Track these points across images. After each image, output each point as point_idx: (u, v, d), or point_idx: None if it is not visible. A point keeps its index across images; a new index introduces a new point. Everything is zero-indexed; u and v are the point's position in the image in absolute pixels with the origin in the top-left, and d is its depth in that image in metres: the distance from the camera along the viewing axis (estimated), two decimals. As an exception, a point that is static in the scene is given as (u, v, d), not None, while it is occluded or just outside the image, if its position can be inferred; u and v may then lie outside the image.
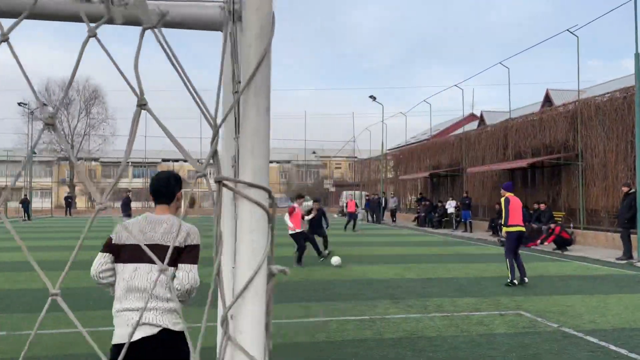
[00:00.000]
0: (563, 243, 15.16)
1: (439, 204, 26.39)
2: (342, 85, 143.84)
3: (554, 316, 6.88)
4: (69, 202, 43.59)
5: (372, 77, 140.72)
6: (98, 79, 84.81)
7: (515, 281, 9.12)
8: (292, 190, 64.73)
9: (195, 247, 2.65)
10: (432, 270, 11.01)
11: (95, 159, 68.49)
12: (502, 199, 9.52)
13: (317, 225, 13.10)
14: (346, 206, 26.48)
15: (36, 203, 48.17)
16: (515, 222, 9.29)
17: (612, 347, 5.47)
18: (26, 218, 35.97)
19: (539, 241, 16.16)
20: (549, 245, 15.75)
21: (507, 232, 9.37)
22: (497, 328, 6.26)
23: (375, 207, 32.25)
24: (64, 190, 56.20)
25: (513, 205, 9.31)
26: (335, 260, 11.50)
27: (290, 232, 11.86)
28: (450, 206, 24.43)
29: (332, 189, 58.85)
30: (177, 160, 72.06)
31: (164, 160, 71.17)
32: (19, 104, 40.06)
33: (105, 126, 53.31)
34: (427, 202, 27.99)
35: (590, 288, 9.08)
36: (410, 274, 10.50)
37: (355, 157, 52.38)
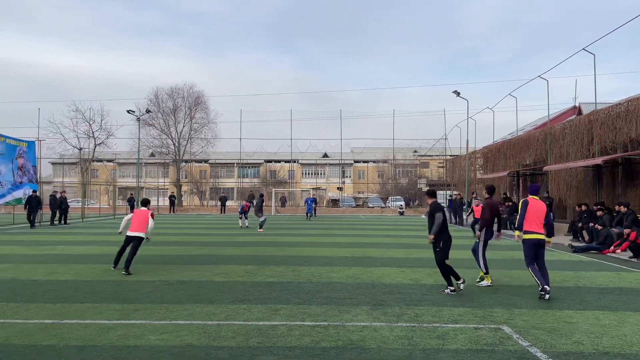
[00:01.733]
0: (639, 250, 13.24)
1: (521, 205, 24.45)
2: (460, 81, 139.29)
3: (538, 333, 6.00)
4: (173, 200, 46.92)
5: (490, 71, 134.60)
6: (201, 86, 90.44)
7: (547, 287, 8.00)
8: (386, 190, 64.00)
9: None
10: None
11: (205, 161, 73.31)
12: (521, 201, 8.56)
13: (487, 234, 9.44)
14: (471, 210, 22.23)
15: (153, 202, 52.59)
16: (532, 229, 8.24)
17: (566, 375, 4.64)
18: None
19: (612, 248, 14.29)
20: (626, 253, 13.87)
21: (523, 240, 8.31)
22: (453, 344, 5.60)
23: (457, 208, 30.87)
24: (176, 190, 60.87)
25: (532, 208, 8.28)
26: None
27: (140, 235, 10.72)
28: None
29: (426, 189, 57.17)
30: (278, 161, 74.69)
31: (266, 161, 74.20)
32: (128, 111, 43.91)
33: (207, 130, 56.54)
34: (510, 203, 26.06)
35: (626, 304, 7.81)
36: (428, 280, 9.80)
37: (456, 155, 50.29)
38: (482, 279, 9.36)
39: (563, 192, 22.04)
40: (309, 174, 78.86)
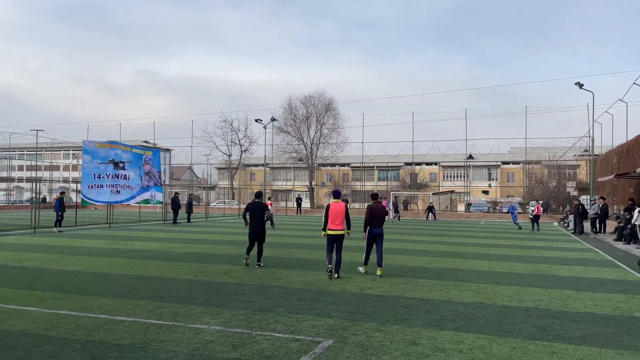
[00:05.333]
0: None
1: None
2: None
3: (345, 350, 5.44)
4: (300, 202, 49.26)
5: None
6: (331, 92, 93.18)
7: (330, 266, 10.48)
8: (532, 194, 58.53)
9: None
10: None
11: (347, 164, 75.35)
12: (325, 206, 10.73)
13: (369, 233, 11.01)
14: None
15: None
16: (331, 227, 10.58)
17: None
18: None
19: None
20: None
21: (327, 235, 10.63)
22: (236, 352, 5.38)
23: (577, 215, 27.12)
24: (322, 193, 63.85)
25: (332, 211, 10.56)
26: None
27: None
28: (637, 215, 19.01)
29: (575, 193, 51.33)
30: (419, 164, 73.39)
31: (406, 163, 73.52)
32: (256, 120, 47.40)
33: (336, 135, 58.19)
34: (630, 213, 22.24)
35: (556, 334, 6.51)
36: (395, 290, 9.19)
37: (597, 155, 44.24)
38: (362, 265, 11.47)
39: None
40: (450, 176, 75.93)
